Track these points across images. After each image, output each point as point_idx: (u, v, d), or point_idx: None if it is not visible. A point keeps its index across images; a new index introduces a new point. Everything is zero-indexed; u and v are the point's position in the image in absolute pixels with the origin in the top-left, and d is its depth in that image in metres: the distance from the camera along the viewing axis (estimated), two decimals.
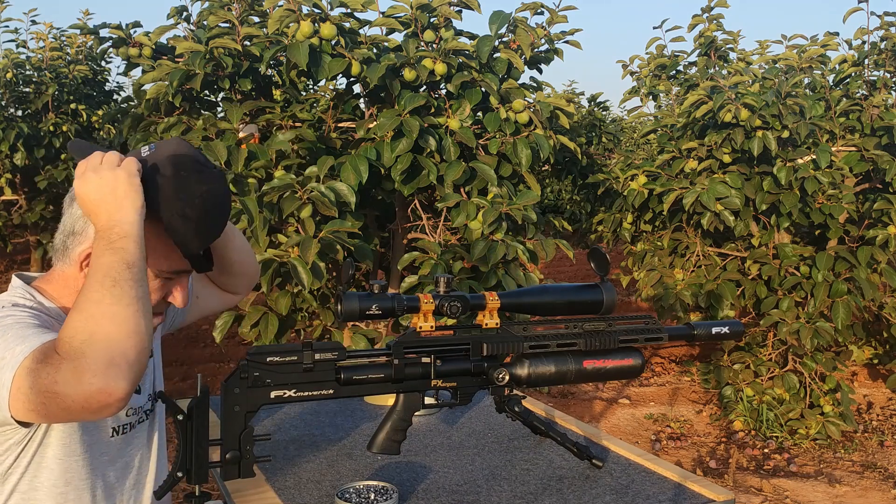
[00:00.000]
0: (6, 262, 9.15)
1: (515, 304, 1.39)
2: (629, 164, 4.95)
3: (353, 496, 1.37)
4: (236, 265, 1.55)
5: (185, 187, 1.24)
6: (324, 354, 1.26)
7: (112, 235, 1.16)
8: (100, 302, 1.10)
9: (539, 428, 1.51)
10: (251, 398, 1.24)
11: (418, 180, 3.13)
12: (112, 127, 7.48)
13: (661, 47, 5.10)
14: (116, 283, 1.12)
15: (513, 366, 1.37)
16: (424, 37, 3.23)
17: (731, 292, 4.36)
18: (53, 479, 1.25)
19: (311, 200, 2.77)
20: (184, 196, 1.24)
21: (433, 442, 1.69)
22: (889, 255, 4.03)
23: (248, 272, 1.61)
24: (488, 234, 3.02)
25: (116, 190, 1.19)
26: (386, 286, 1.29)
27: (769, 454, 4.35)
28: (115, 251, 1.15)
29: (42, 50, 7.27)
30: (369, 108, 3.38)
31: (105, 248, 1.16)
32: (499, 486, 1.46)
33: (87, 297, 1.11)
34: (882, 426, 4.82)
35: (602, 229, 5.06)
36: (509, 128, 3.17)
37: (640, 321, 1.45)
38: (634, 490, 1.44)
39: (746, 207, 4.26)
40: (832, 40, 4.78)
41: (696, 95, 4.23)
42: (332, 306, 3.16)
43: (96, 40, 3.45)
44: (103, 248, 1.16)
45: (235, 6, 3.27)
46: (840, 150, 4.39)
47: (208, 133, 3.05)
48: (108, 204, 1.19)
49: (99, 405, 1.05)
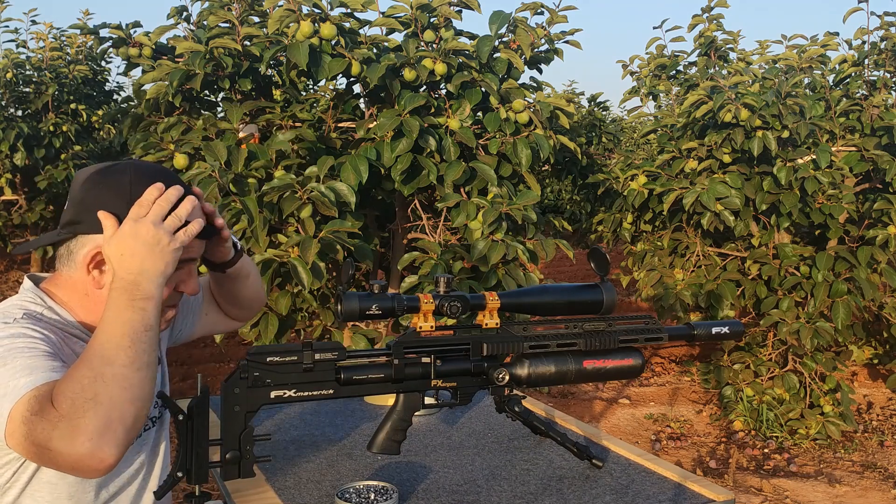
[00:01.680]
0: (6, 262, 9.15)
1: (515, 304, 1.39)
2: (629, 164, 4.95)
3: (353, 496, 1.37)
4: (247, 300, 1.60)
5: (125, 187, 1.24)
6: (324, 354, 1.26)
7: (136, 292, 1.15)
8: (111, 362, 1.08)
9: (539, 428, 1.51)
10: (251, 398, 1.24)
11: (418, 180, 3.13)
12: (112, 127, 7.49)
13: (661, 47, 5.10)
14: (133, 345, 1.11)
15: (513, 366, 1.37)
16: (424, 37, 3.23)
17: (731, 292, 4.36)
18: (56, 494, 1.24)
19: (311, 200, 2.77)
20: (135, 192, 1.23)
21: (433, 442, 1.69)
22: (889, 255, 4.03)
23: (256, 306, 1.65)
24: (488, 234, 3.02)
25: (154, 247, 1.18)
26: (386, 286, 1.29)
27: (769, 454, 4.35)
28: (135, 310, 1.14)
29: (42, 50, 7.27)
30: (369, 108, 3.38)
31: (126, 303, 1.14)
32: (499, 486, 1.46)
33: (99, 352, 1.09)
34: (882, 426, 4.82)
35: (602, 229, 5.06)
36: (509, 128, 3.17)
37: (640, 321, 1.45)
38: (634, 490, 1.44)
39: (746, 207, 4.26)
40: (832, 40, 4.78)
41: (696, 95, 4.23)
42: (332, 306, 3.16)
43: (96, 40, 3.45)
44: (124, 302, 1.14)
45: (235, 6, 3.27)
46: (840, 150, 4.39)
47: (208, 133, 3.05)
48: (142, 256, 1.17)
49: (87, 468, 1.05)
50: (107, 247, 1.19)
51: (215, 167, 2.74)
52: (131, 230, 1.18)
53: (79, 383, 1.06)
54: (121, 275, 1.16)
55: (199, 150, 3.00)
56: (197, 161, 2.99)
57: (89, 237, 1.26)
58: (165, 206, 1.21)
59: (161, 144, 3.13)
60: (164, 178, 1.26)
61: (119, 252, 1.17)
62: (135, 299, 1.14)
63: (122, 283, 1.16)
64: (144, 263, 1.17)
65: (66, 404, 1.04)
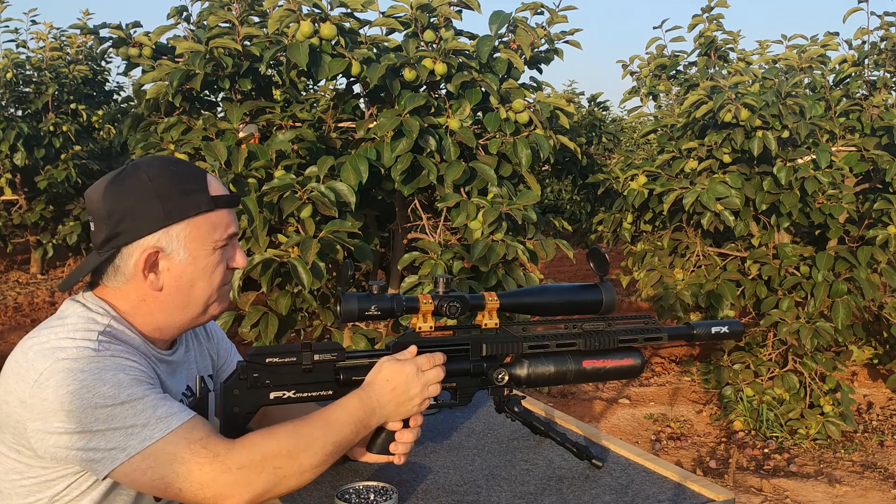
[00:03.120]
0: (6, 262, 9.15)
1: (515, 304, 1.39)
2: (629, 164, 4.94)
3: (353, 496, 1.37)
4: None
5: (147, 184, 1.27)
6: (323, 355, 1.27)
7: (366, 418, 1.26)
8: (309, 453, 1.19)
9: (539, 428, 1.51)
10: (251, 399, 1.24)
11: (418, 180, 3.13)
12: (112, 127, 7.49)
13: (661, 47, 5.09)
14: (332, 453, 1.22)
15: (512, 366, 1.37)
16: (424, 37, 3.23)
17: (731, 292, 4.36)
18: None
19: (311, 200, 2.77)
20: (157, 185, 1.26)
21: (433, 442, 1.69)
22: (889, 255, 4.03)
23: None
24: (488, 234, 3.01)
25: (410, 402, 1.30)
26: (385, 286, 1.29)
27: (769, 454, 4.35)
28: (354, 428, 1.25)
29: (42, 50, 7.27)
30: (369, 108, 3.38)
31: (353, 417, 1.25)
32: (498, 486, 1.46)
33: (307, 436, 1.19)
34: (882, 426, 4.82)
35: (602, 229, 5.06)
36: (509, 128, 3.17)
37: (639, 321, 1.44)
38: (634, 490, 1.44)
39: (746, 207, 4.26)
40: (832, 40, 4.77)
41: (696, 95, 4.23)
42: (332, 306, 3.15)
43: (96, 40, 3.45)
44: (352, 416, 1.25)
45: (235, 6, 3.27)
46: (840, 150, 4.39)
47: (208, 133, 3.05)
48: (398, 400, 1.29)
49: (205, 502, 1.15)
50: (387, 364, 1.29)
51: (215, 167, 2.75)
52: (413, 374, 1.29)
53: (276, 448, 1.16)
54: (371, 394, 1.27)
55: (199, 150, 3.00)
56: (197, 161, 2.99)
57: (134, 245, 1.26)
58: (440, 374, 1.33)
59: (161, 144, 3.13)
60: (175, 166, 1.30)
61: (387, 378, 1.28)
62: (360, 421, 1.25)
63: (366, 400, 1.26)
64: (392, 407, 1.29)
65: (251, 458, 1.15)
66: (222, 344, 1.59)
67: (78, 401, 1.13)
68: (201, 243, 1.27)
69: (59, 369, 1.15)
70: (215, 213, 1.28)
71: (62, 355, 1.16)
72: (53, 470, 1.18)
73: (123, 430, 1.13)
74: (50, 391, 1.14)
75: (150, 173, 1.26)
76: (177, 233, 1.26)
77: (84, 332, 1.21)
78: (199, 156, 3.00)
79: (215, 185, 1.31)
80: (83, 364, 1.16)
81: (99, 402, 1.13)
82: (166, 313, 1.30)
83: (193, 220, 1.26)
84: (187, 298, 1.29)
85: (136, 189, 1.25)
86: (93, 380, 1.14)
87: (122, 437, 1.13)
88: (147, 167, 1.27)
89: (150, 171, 1.26)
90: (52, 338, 1.20)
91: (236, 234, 1.35)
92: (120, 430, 1.13)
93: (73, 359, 1.16)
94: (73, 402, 1.13)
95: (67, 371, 1.15)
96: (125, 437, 1.13)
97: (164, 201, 1.24)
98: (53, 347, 1.18)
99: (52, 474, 1.19)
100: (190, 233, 1.26)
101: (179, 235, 1.26)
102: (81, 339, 1.19)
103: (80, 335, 1.20)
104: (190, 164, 1.33)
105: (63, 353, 1.17)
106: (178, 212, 1.25)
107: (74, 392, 1.13)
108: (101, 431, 1.13)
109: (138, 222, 1.24)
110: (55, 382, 1.14)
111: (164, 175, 1.26)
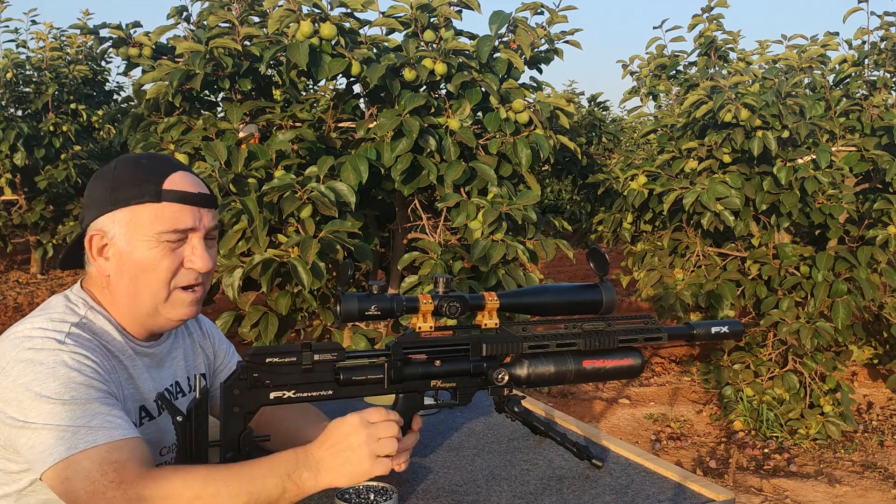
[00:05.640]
0: (6, 261, 9.15)
1: (515, 304, 1.39)
2: (629, 164, 4.94)
3: (353, 496, 1.37)
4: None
5: (110, 173, 1.31)
6: (323, 355, 1.26)
7: (300, 482, 1.15)
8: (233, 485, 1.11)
9: (539, 428, 1.51)
10: (251, 399, 1.24)
11: (418, 180, 3.13)
12: (112, 127, 7.49)
13: (661, 47, 5.09)
14: (259, 487, 1.13)
15: (512, 366, 1.37)
16: (424, 37, 3.23)
17: (731, 292, 4.36)
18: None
19: (311, 200, 2.77)
20: (118, 174, 1.30)
21: (433, 442, 1.69)
22: (889, 255, 4.03)
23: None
24: (488, 234, 3.01)
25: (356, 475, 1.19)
26: (385, 286, 1.29)
27: (769, 454, 4.35)
28: (279, 488, 1.14)
29: (42, 50, 7.27)
30: (369, 108, 3.38)
31: (281, 476, 1.15)
32: (498, 486, 1.46)
33: (222, 482, 1.11)
34: (882, 426, 4.82)
35: (602, 229, 5.06)
36: (509, 128, 3.17)
37: (639, 321, 1.44)
38: (634, 490, 1.44)
39: (746, 207, 4.26)
40: (832, 40, 4.77)
41: (696, 95, 4.23)
42: (332, 306, 3.15)
43: (96, 40, 3.45)
44: (280, 473, 1.15)
45: (235, 6, 3.27)
46: (840, 150, 4.39)
47: (208, 133, 3.05)
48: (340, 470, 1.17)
49: None
50: (338, 423, 1.19)
51: (215, 167, 2.74)
52: (355, 426, 1.18)
53: (181, 489, 1.09)
54: (308, 448, 1.18)
55: (199, 150, 3.00)
56: (197, 161, 2.99)
57: (88, 229, 1.30)
58: (393, 429, 1.21)
59: (161, 144, 3.13)
60: (149, 160, 1.31)
61: (326, 432, 1.19)
62: (287, 474, 1.15)
63: (300, 453, 1.17)
64: (329, 461, 1.17)
65: (154, 494, 1.08)
66: (220, 344, 1.59)
67: (27, 392, 1.14)
68: (141, 233, 1.27)
69: (21, 359, 1.17)
70: (161, 204, 1.27)
71: (28, 345, 1.18)
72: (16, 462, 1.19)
73: (57, 432, 1.12)
74: (10, 379, 1.16)
75: (120, 164, 1.31)
76: (119, 219, 1.28)
77: (58, 322, 1.23)
78: (200, 156, 3.00)
79: (180, 182, 1.29)
80: (43, 356, 1.17)
81: (44, 395, 1.14)
82: (122, 303, 1.31)
83: (134, 207, 1.27)
84: (133, 289, 1.29)
85: (101, 177, 1.31)
86: (46, 372, 1.15)
87: (54, 439, 1.11)
88: (123, 160, 1.32)
89: (121, 163, 1.31)
90: (28, 327, 1.22)
91: (195, 233, 1.31)
92: (54, 431, 1.12)
93: (36, 349, 1.18)
94: (25, 392, 1.14)
95: (28, 361, 1.16)
96: (56, 439, 1.11)
97: (115, 189, 1.28)
98: (24, 336, 1.20)
99: (16, 467, 1.20)
100: (130, 220, 1.27)
101: (121, 222, 1.28)
102: (52, 331, 1.21)
103: (52, 325, 1.22)
104: (168, 161, 1.32)
105: (29, 343, 1.19)
106: (123, 199, 1.27)
107: (27, 383, 1.15)
108: (38, 427, 1.12)
109: (92, 207, 1.29)
110: (16, 371, 1.16)
111: (129, 166, 1.30)
